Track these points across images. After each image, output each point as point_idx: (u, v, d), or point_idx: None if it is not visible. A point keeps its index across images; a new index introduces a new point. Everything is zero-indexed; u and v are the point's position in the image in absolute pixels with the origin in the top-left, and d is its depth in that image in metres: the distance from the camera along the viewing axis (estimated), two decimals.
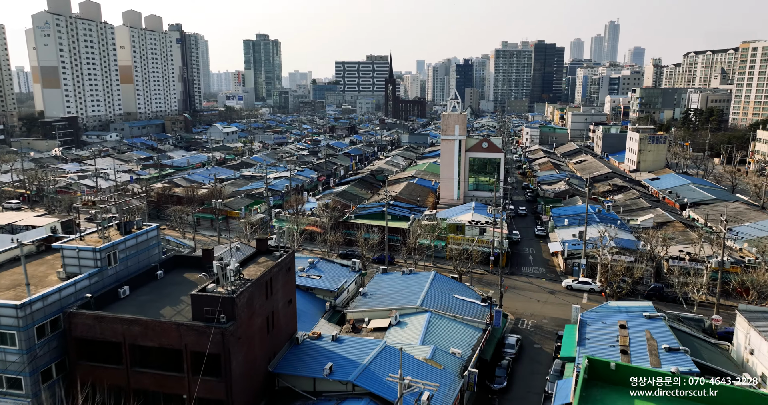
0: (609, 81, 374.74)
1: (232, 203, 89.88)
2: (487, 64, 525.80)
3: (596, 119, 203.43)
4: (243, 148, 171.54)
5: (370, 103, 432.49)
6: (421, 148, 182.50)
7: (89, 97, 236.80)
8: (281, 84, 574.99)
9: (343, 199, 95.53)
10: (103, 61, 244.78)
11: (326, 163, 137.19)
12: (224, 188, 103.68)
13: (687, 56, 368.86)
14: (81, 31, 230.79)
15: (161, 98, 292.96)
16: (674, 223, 77.20)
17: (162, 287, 38.21)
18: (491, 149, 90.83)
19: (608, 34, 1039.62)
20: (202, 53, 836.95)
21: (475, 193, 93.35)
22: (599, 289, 60.94)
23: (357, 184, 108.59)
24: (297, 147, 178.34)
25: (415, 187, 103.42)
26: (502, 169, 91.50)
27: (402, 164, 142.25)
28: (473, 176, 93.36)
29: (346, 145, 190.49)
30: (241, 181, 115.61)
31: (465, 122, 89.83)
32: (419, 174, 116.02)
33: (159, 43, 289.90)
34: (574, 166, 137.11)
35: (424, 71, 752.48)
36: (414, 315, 44.96)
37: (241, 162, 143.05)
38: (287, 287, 37.83)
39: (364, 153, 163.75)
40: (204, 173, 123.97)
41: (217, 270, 31.62)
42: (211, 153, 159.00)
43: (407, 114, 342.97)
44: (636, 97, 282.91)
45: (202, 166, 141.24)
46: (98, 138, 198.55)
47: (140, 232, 40.32)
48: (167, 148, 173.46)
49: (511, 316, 54.58)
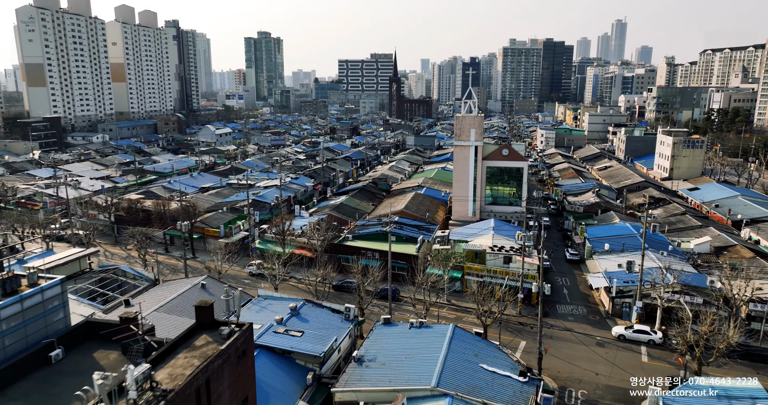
0: (622, 80, 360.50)
1: (210, 219, 77.18)
2: (494, 63, 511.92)
3: (615, 120, 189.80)
4: (235, 151, 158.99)
5: (374, 103, 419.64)
6: (428, 151, 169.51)
7: (78, 96, 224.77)
8: (283, 83, 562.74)
9: (340, 213, 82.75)
10: (93, 58, 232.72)
11: (324, 169, 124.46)
12: (202, 201, 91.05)
13: (704, 54, 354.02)
14: (69, 26, 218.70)
15: (156, 97, 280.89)
16: (736, 248, 63.97)
17: (53, 381, 25.52)
18: (512, 157, 77.88)
19: (615, 32, 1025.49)
20: (204, 52, 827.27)
21: (494, 207, 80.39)
22: (660, 340, 47.98)
23: (357, 194, 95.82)
24: (294, 150, 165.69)
25: (423, 199, 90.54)
26: (526, 180, 78.49)
27: (407, 170, 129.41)
28: (491, 188, 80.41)
29: (348, 147, 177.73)
30: (227, 190, 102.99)
31: (481, 125, 76.92)
32: (427, 182, 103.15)
33: (154, 40, 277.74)
34: (598, 172, 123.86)
35: (429, 70, 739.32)
36: (428, 401, 32.11)
37: (231, 167, 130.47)
38: (239, 384, 25.07)
39: (367, 157, 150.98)
40: (188, 180, 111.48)
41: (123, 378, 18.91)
42: (198, 157, 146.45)
43: (412, 114, 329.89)
44: (652, 97, 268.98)
45: (189, 171, 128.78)
46: (84, 140, 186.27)
47: (30, 292, 27.62)
48: (154, 150, 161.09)
49: (553, 383, 41.65)
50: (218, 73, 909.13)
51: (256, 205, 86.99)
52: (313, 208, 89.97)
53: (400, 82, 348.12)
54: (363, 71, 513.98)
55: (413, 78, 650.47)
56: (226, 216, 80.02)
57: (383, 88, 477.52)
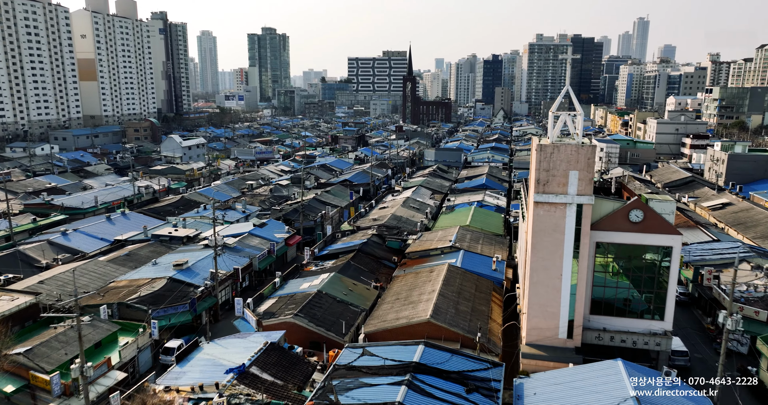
0: (667, 79, 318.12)
1: (41, 351, 39.00)
2: (516, 61, 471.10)
3: (692, 129, 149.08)
4: (202, 171, 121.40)
5: (386, 104, 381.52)
6: (453, 170, 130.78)
7: (33, 97, 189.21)
8: (290, 83, 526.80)
9: (313, 321, 44.38)
10: (53, 52, 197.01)
11: (311, 205, 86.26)
12: (88, 279, 53.37)
13: (761, 50, 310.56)
14: (21, 14, 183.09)
15: (135, 99, 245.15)
16: None
17: None
18: (650, 226, 39.18)
19: (637, 31, 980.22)
20: (210, 50, 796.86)
21: (605, 320, 41.45)
22: None
23: (350, 265, 57.48)
24: (280, 169, 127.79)
25: (463, 280, 51.91)
26: (676, 271, 39.51)
27: (429, 205, 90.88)
28: (603, 284, 41.63)
29: (350, 164, 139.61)
30: (148, 249, 65.30)
31: (592, 164, 38.42)
32: (464, 238, 64.49)
33: (133, 33, 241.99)
34: (711, 214, 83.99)
35: (445, 70, 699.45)
36: None
37: (182, 199, 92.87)
38: None
39: (373, 182, 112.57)
40: (101, 227, 74.05)
41: None
42: (150, 179, 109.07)
43: (429, 118, 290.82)
44: (713, 99, 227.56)
45: (123, 205, 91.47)
46: (24, 151, 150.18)
47: None
48: (98, 168, 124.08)
49: None
50: (227, 73, 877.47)
51: (173, 293, 49.01)
52: (269, 297, 51.59)
53: (415, 82, 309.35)
54: (374, 70, 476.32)
55: (428, 77, 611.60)
56: (94, 333, 41.83)
57: (396, 88, 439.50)
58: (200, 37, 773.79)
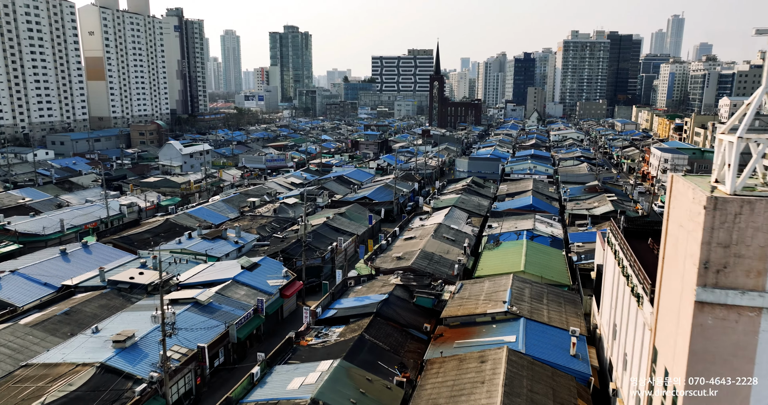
0: (718, 78, 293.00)
1: None
2: (549, 60, 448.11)
3: None
4: (200, 184, 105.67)
5: (411, 105, 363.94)
6: (490, 184, 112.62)
7: (35, 97, 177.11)
8: (312, 82, 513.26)
9: None
10: (57, 49, 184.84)
11: (320, 234, 69.30)
12: None
13: None
14: (21, 9, 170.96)
15: (147, 99, 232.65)
16: None
17: None
18: None
19: (671, 28, 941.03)
20: (234, 50, 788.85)
21: None
22: None
23: (361, 349, 39.96)
24: (290, 181, 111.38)
25: (532, 378, 33.99)
26: None
27: (467, 233, 73.01)
28: None
29: (371, 175, 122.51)
30: (106, 300, 49.16)
31: None
32: (522, 295, 46.59)
33: (145, 30, 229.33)
34: None
35: (471, 69, 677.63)
36: None
37: (166, 222, 76.85)
38: None
39: (397, 199, 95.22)
40: (52, 266, 58.28)
41: None
42: (138, 195, 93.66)
43: (457, 120, 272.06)
44: None
45: (91, 231, 75.93)
46: (16, 157, 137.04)
47: None
48: (84, 180, 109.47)
49: None
50: (251, 73, 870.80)
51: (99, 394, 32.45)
52: (240, 403, 34.51)
53: (443, 81, 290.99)
54: (399, 69, 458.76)
55: (455, 77, 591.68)
56: None
57: (422, 87, 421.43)
58: (223, 36, 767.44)
